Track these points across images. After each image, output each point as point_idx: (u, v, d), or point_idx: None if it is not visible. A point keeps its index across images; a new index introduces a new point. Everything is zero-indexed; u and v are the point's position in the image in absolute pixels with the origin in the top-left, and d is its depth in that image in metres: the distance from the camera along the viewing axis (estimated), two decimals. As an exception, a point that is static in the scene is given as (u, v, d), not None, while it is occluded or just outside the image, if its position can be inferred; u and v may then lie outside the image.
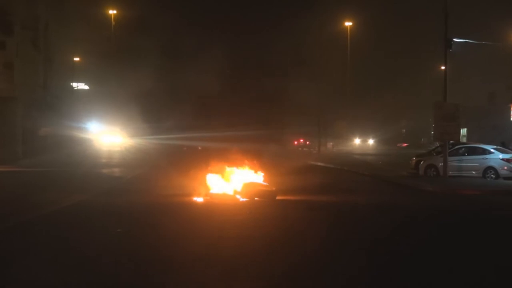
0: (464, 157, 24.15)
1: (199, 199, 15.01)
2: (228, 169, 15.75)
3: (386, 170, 28.14)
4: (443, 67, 25.01)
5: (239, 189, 15.40)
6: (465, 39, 24.84)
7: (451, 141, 24.21)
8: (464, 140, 39.98)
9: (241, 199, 15.15)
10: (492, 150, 23.98)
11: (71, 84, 52.73)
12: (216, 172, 15.68)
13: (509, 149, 25.18)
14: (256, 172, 15.98)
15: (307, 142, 52.98)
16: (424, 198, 17.55)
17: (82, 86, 55.76)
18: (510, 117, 43.39)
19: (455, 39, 23.70)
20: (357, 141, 71.14)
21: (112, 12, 48.36)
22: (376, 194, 18.20)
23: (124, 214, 12.43)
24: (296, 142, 52.39)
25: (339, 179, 23.89)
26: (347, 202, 15.51)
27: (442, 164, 23.51)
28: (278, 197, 15.40)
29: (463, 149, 24.80)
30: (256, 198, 15.16)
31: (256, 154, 16.77)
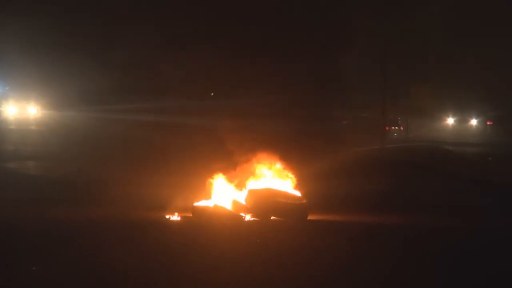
0: None
1: (174, 217, 15.10)
2: (230, 166, 16.09)
3: (500, 173, 28.02)
4: None
5: (243, 199, 15.49)
6: None
7: None
8: None
9: (247, 218, 15.20)
10: None
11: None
12: (208, 171, 15.91)
13: None
14: (276, 172, 16.10)
15: (401, 128, 55.65)
16: None
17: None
18: None
19: None
20: (450, 121, 71.00)
21: None
22: (483, 215, 17.99)
23: (45, 240, 12.43)
24: (387, 128, 55.12)
25: (416, 186, 23.73)
26: (441, 231, 14.97)
27: None
28: (310, 216, 15.41)
29: None
30: (272, 217, 15.18)
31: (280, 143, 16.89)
